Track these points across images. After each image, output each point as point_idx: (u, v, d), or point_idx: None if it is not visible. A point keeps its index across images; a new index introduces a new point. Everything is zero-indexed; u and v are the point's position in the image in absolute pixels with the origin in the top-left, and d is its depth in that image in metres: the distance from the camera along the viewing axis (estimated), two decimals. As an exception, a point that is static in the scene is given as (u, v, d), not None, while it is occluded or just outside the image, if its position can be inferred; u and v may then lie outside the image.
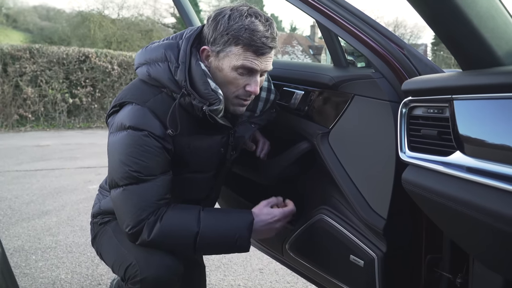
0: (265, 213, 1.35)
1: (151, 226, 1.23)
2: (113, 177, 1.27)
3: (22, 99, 10.17)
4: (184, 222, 1.27)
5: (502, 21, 0.88)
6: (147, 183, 1.24)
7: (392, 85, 1.18)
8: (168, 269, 1.27)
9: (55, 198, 4.07)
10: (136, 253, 1.29)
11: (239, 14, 1.23)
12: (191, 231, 1.25)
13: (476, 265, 1.06)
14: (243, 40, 1.21)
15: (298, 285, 2.38)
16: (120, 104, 1.30)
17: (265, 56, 1.25)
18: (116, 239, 1.41)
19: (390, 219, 1.17)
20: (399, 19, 70.63)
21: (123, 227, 1.27)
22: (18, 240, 2.96)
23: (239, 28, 1.21)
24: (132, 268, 1.28)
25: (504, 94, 0.78)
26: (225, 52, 1.25)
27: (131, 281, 1.28)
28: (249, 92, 1.28)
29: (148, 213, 1.24)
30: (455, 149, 0.88)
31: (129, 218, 1.24)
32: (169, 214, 1.26)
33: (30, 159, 6.16)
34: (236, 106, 1.32)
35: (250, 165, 1.66)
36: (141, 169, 1.23)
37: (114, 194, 1.28)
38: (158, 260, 1.27)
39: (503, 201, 0.76)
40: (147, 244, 1.25)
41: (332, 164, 1.32)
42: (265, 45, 1.23)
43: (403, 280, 1.28)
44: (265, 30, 1.23)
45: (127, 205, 1.25)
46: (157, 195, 1.25)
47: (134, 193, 1.24)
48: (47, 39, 22.30)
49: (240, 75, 1.26)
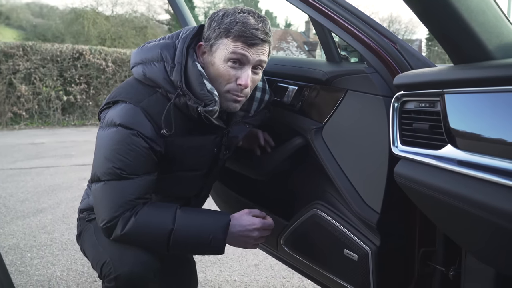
0: (245, 219, 1.34)
1: (126, 220, 1.23)
2: (96, 171, 1.28)
3: (15, 97, 10.12)
4: (159, 218, 1.26)
5: (492, 16, 0.89)
6: (128, 181, 1.24)
7: (385, 80, 1.19)
8: (142, 265, 1.26)
9: (50, 196, 4.06)
10: (111, 251, 1.29)
11: (233, 12, 1.26)
12: (166, 228, 1.24)
13: (469, 258, 1.07)
14: (233, 32, 1.22)
15: (293, 280, 2.39)
16: (113, 101, 1.30)
17: (256, 47, 1.25)
18: (95, 237, 1.40)
19: (384, 213, 1.18)
20: (393, 14, 70.72)
21: (98, 221, 1.27)
22: (13, 238, 2.96)
23: (231, 22, 1.23)
24: (106, 265, 1.27)
25: (494, 87, 0.78)
26: (217, 44, 1.25)
27: (106, 278, 1.27)
28: (240, 87, 1.27)
29: (124, 209, 1.23)
30: (446, 143, 0.88)
31: (105, 213, 1.24)
32: (145, 210, 1.25)
33: (25, 157, 6.13)
34: (229, 102, 1.31)
35: (245, 161, 1.66)
36: (125, 167, 1.23)
37: (95, 188, 1.28)
38: (132, 257, 1.26)
39: (494, 194, 0.76)
40: (120, 239, 1.25)
41: (326, 159, 1.33)
42: (254, 36, 1.23)
43: (397, 274, 1.29)
44: (256, 23, 1.23)
45: (105, 200, 1.25)
46: (137, 194, 1.25)
47: (113, 188, 1.24)
48: (41, 36, 22.20)
49: (231, 68, 1.25)
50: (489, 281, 1.01)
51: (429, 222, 1.11)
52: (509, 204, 0.73)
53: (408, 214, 1.22)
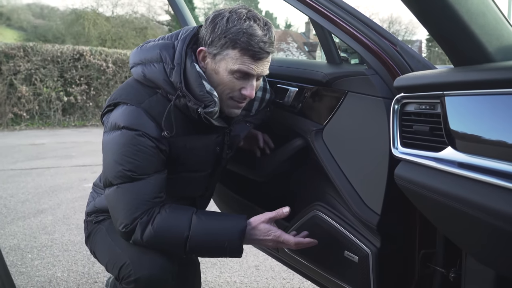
0: (261, 228, 1.29)
1: (144, 226, 1.23)
2: (107, 176, 1.27)
3: (16, 98, 10.13)
4: (175, 225, 1.25)
5: (492, 18, 0.89)
6: (141, 182, 1.24)
7: (385, 82, 1.19)
8: (161, 269, 1.27)
9: (51, 197, 4.06)
10: (130, 253, 1.29)
11: (237, 17, 1.21)
12: (181, 235, 1.24)
13: (469, 260, 1.07)
14: (241, 44, 1.20)
15: (293, 282, 2.39)
16: (114, 103, 1.30)
17: (262, 60, 1.25)
18: (110, 238, 1.41)
19: (384, 214, 1.18)
20: (394, 15, 70.63)
21: (116, 225, 1.27)
22: (13, 239, 2.96)
23: (237, 31, 1.20)
24: (126, 267, 1.28)
25: (494, 90, 0.78)
26: (222, 55, 1.23)
27: (125, 280, 1.28)
28: (245, 96, 1.27)
29: (142, 211, 1.24)
30: (446, 145, 0.89)
31: (123, 216, 1.24)
32: (161, 216, 1.25)
33: (25, 157, 6.13)
34: (230, 108, 1.31)
35: (245, 162, 1.66)
36: (135, 168, 1.23)
37: (108, 192, 1.28)
38: (151, 260, 1.27)
39: (494, 196, 0.77)
40: (139, 244, 1.25)
41: (326, 160, 1.33)
42: (262, 50, 1.22)
43: (397, 275, 1.29)
44: (263, 35, 1.21)
45: (121, 203, 1.25)
46: (151, 193, 1.25)
47: (127, 191, 1.24)
48: (41, 37, 22.22)
49: (236, 78, 1.25)
50: (489, 282, 1.01)
51: (429, 223, 1.11)
52: (508, 206, 0.73)
53: (408, 216, 1.22)
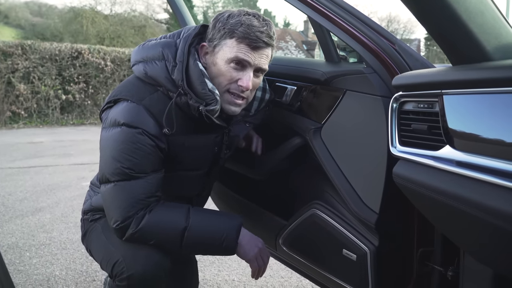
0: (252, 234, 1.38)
1: (140, 219, 1.24)
2: (104, 172, 1.27)
3: (14, 96, 10.12)
4: (173, 216, 1.27)
5: (490, 16, 0.89)
6: (138, 180, 1.24)
7: (383, 80, 1.19)
8: (154, 265, 1.27)
9: (49, 195, 4.05)
10: (123, 250, 1.30)
11: (238, 13, 1.27)
12: (179, 226, 1.26)
13: (467, 259, 1.07)
14: (238, 33, 1.23)
15: (292, 280, 2.39)
16: (115, 100, 1.30)
17: (259, 50, 1.26)
18: (104, 236, 1.41)
19: (382, 213, 1.18)
20: (392, 14, 70.73)
21: (111, 222, 1.27)
22: (12, 237, 2.96)
23: (236, 23, 1.24)
24: (119, 265, 1.28)
25: (492, 88, 0.79)
26: (220, 45, 1.26)
27: (118, 278, 1.28)
28: (241, 87, 1.27)
29: (137, 209, 1.24)
30: (444, 144, 0.89)
31: (118, 213, 1.24)
32: (159, 208, 1.27)
33: (23, 156, 6.13)
34: (227, 104, 1.30)
35: (243, 160, 1.66)
36: (133, 166, 1.23)
37: (104, 189, 1.28)
38: (144, 256, 1.27)
39: (492, 194, 0.77)
40: (134, 237, 1.25)
41: (325, 159, 1.33)
42: (259, 38, 1.24)
43: (395, 273, 1.29)
44: (260, 26, 1.24)
45: (117, 201, 1.25)
46: (147, 192, 1.26)
47: (124, 189, 1.24)
48: (39, 35, 22.18)
49: (233, 69, 1.26)
50: (487, 281, 1.01)
51: (427, 222, 1.11)
52: (507, 205, 0.73)
53: (407, 214, 1.23)
